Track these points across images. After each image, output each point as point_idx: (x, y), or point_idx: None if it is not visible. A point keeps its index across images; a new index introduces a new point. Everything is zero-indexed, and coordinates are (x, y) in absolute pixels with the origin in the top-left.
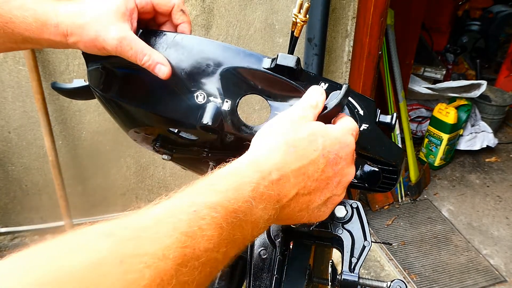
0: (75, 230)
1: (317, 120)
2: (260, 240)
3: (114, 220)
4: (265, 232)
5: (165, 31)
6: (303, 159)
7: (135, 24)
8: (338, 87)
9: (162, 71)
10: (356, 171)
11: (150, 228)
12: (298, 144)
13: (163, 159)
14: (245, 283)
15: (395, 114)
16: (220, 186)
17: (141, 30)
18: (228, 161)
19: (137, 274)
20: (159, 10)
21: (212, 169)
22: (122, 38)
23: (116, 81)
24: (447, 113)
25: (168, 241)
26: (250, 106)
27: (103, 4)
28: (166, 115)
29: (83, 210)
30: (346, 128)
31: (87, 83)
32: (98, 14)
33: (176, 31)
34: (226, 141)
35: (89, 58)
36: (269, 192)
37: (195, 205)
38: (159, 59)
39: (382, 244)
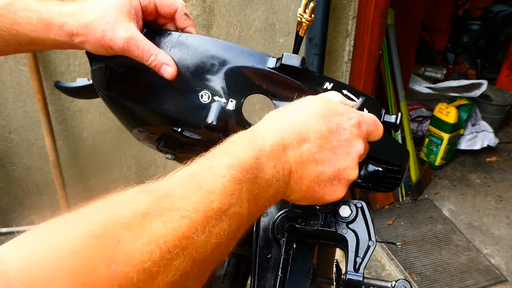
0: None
1: None
2: (265, 239)
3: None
4: (270, 231)
5: (169, 30)
6: (303, 125)
7: (140, 23)
8: (342, 87)
9: (168, 72)
10: (360, 171)
11: (179, 187)
12: (299, 111)
13: (166, 158)
14: (248, 282)
15: (399, 114)
16: (233, 149)
17: (145, 30)
18: None
19: (175, 223)
20: (161, 11)
21: None
22: (129, 38)
23: (120, 80)
24: (448, 113)
25: (195, 197)
26: (251, 106)
27: (108, 2)
28: (170, 115)
29: None
30: (349, 106)
31: (90, 82)
32: (102, 12)
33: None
34: None
35: (92, 57)
36: (276, 150)
37: (214, 166)
38: (165, 59)
39: (384, 244)
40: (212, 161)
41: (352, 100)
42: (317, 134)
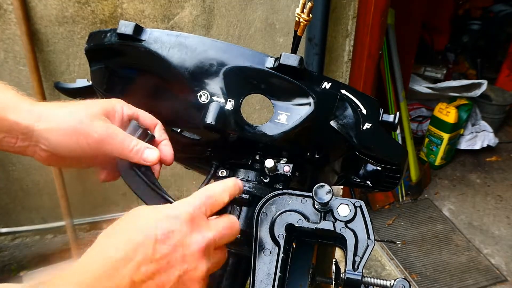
0: None
1: None
2: (264, 239)
3: None
4: (268, 231)
5: (168, 30)
6: (126, 245)
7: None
8: (341, 86)
9: (152, 155)
10: (359, 171)
11: None
12: (123, 230)
13: None
14: (248, 282)
15: (398, 114)
16: None
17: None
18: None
19: None
20: (143, 123)
21: (215, 168)
22: (108, 127)
23: (119, 81)
24: (448, 113)
25: None
26: (251, 106)
27: (88, 107)
28: (169, 115)
29: (84, 210)
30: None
31: (90, 83)
32: (82, 115)
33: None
34: (230, 141)
35: (92, 58)
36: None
37: None
38: (147, 144)
39: (384, 244)
40: None
41: (351, 100)
42: (144, 249)
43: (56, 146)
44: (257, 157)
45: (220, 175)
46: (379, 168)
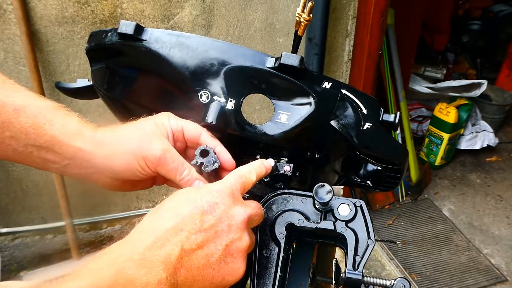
0: None
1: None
2: (264, 239)
3: None
4: (269, 231)
5: (169, 30)
6: (176, 217)
7: (172, 143)
8: (341, 86)
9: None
10: (360, 171)
11: None
12: (169, 206)
13: None
14: (248, 282)
15: (398, 113)
16: (92, 267)
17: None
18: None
19: None
20: (187, 135)
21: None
22: (166, 150)
23: (120, 80)
24: (448, 113)
25: None
26: (251, 106)
27: (142, 127)
28: None
29: (84, 210)
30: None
31: (91, 83)
32: (139, 137)
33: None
34: (230, 140)
35: (93, 58)
36: (149, 254)
37: None
38: (197, 175)
39: (384, 244)
40: (65, 285)
41: (352, 99)
42: (192, 220)
43: (118, 171)
44: (258, 157)
45: None
46: (380, 168)
